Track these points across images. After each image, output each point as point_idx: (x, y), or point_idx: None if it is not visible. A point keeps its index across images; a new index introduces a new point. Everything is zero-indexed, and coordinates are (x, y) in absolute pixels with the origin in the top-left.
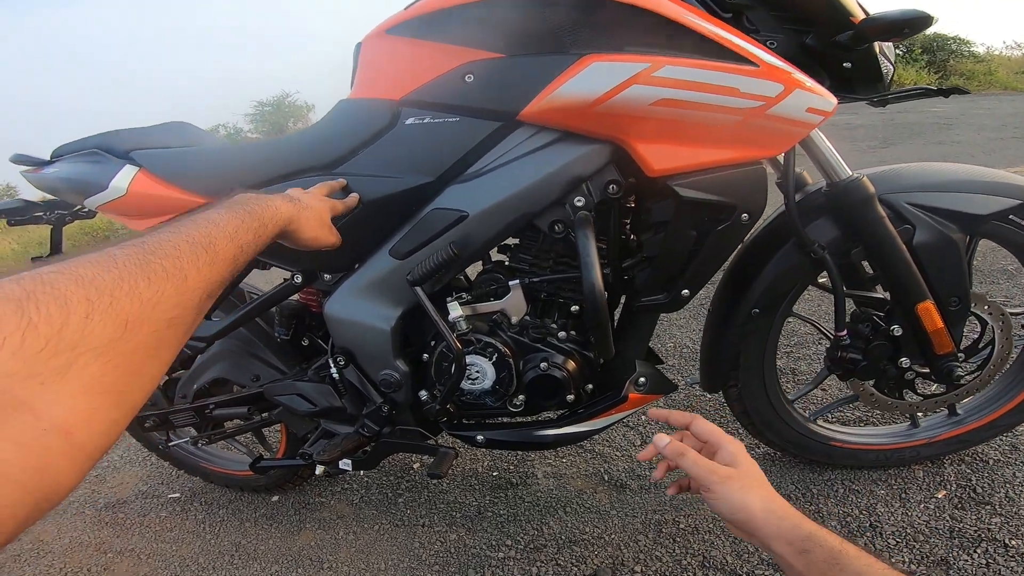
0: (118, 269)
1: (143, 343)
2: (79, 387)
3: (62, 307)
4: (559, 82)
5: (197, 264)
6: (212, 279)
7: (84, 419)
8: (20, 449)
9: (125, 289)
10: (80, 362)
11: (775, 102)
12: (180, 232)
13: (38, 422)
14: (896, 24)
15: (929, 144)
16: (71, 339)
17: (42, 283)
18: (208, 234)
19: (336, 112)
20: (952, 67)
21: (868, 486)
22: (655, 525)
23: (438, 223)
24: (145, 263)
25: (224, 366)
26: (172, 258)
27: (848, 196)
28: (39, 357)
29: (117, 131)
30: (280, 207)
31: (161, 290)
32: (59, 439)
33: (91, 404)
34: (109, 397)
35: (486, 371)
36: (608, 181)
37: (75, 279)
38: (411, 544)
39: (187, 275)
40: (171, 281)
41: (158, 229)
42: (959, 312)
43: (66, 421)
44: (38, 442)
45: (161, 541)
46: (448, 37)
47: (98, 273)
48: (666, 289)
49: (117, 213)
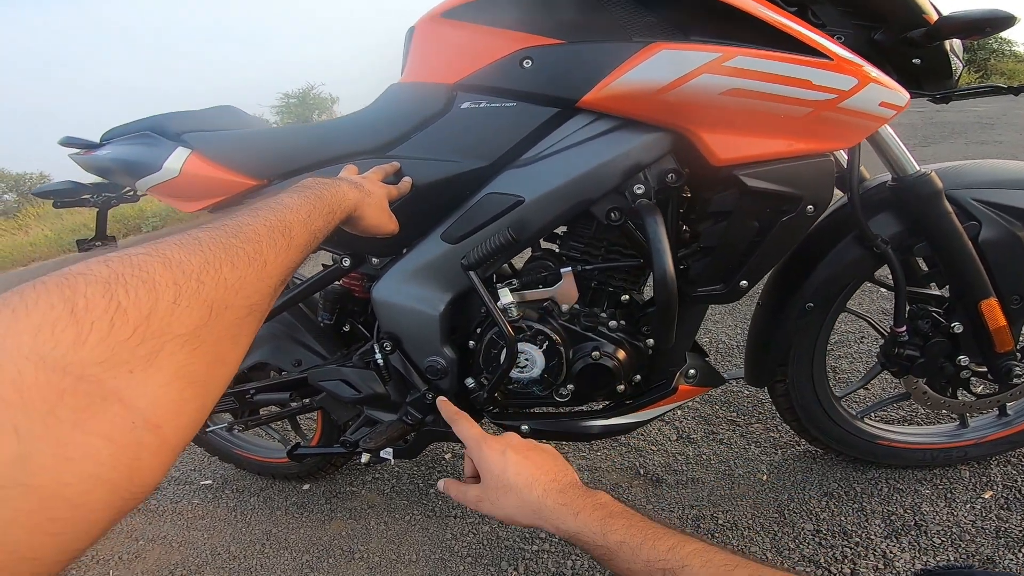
0: (203, 253)
1: (226, 330)
2: (167, 376)
3: (150, 290)
4: (623, 69)
5: (275, 249)
6: (288, 265)
7: (172, 411)
8: (112, 446)
9: (211, 273)
10: (168, 349)
11: (848, 95)
12: (258, 216)
13: (128, 414)
14: (978, 23)
15: (971, 144)
16: (159, 325)
17: (131, 264)
18: (284, 219)
19: (387, 96)
20: (993, 66)
21: (913, 485)
22: (692, 520)
23: (493, 208)
24: (229, 247)
25: (266, 350)
26: (253, 243)
27: (916, 191)
28: (127, 344)
29: (168, 114)
30: (347, 193)
31: (244, 275)
32: (148, 434)
33: (178, 395)
34: (194, 387)
35: (535, 359)
36: (667, 170)
37: (163, 261)
38: (443, 535)
39: (267, 260)
40: (252, 266)
41: (235, 213)
42: (1020, 310)
43: (155, 414)
44: (129, 437)
45: (192, 529)
46: (505, 22)
47: (185, 256)
48: (724, 280)
49: (168, 195)
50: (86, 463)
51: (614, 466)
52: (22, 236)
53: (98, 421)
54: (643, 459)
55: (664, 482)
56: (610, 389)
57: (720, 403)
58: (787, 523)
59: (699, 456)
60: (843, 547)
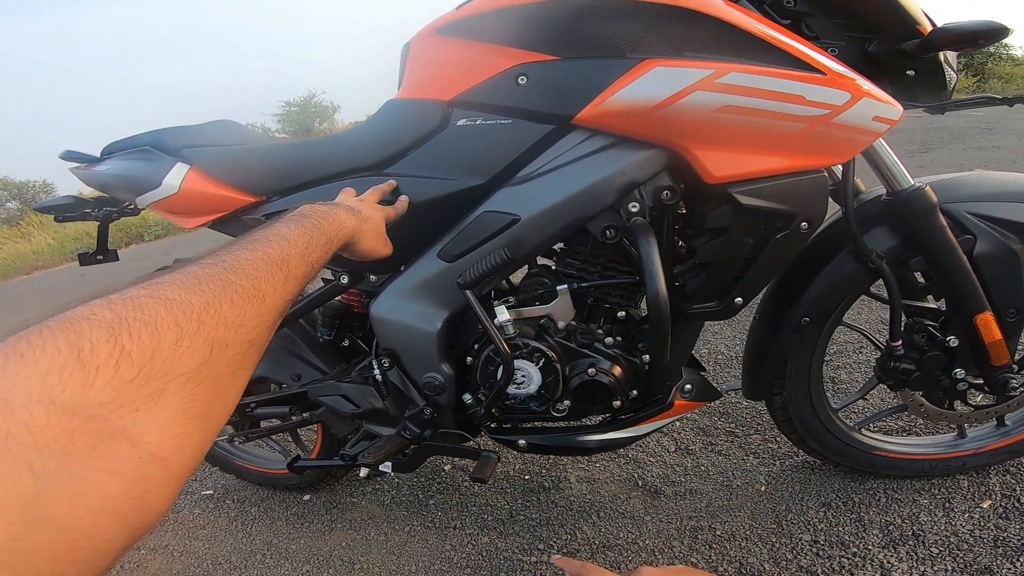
0: (203, 292)
1: (227, 366)
2: (172, 413)
3: (153, 333)
4: (618, 86)
5: (273, 284)
6: (286, 298)
7: (177, 445)
8: (122, 481)
9: (211, 313)
10: (171, 388)
11: (842, 110)
12: (256, 250)
13: (135, 450)
14: (971, 35)
15: (970, 149)
16: (162, 366)
17: (133, 308)
18: (282, 251)
19: (384, 112)
20: (990, 70)
21: (911, 495)
22: (690, 531)
23: (489, 226)
24: (228, 284)
25: (266, 365)
26: (252, 279)
27: (910, 205)
28: (132, 385)
29: (167, 129)
30: (344, 221)
31: (243, 312)
32: (155, 467)
33: (183, 430)
34: (197, 421)
35: (532, 376)
36: (662, 187)
37: (164, 304)
38: (442, 546)
39: (265, 295)
40: (251, 303)
41: (232, 246)
42: (1016, 323)
43: (161, 448)
44: (137, 472)
45: (194, 538)
46: (500, 38)
47: (186, 297)
48: (719, 297)
49: (167, 211)
50: (98, 497)
51: (613, 477)
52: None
53: (107, 458)
54: (642, 470)
55: (662, 493)
56: (606, 405)
57: (719, 414)
58: (785, 534)
59: (697, 467)
60: (840, 558)
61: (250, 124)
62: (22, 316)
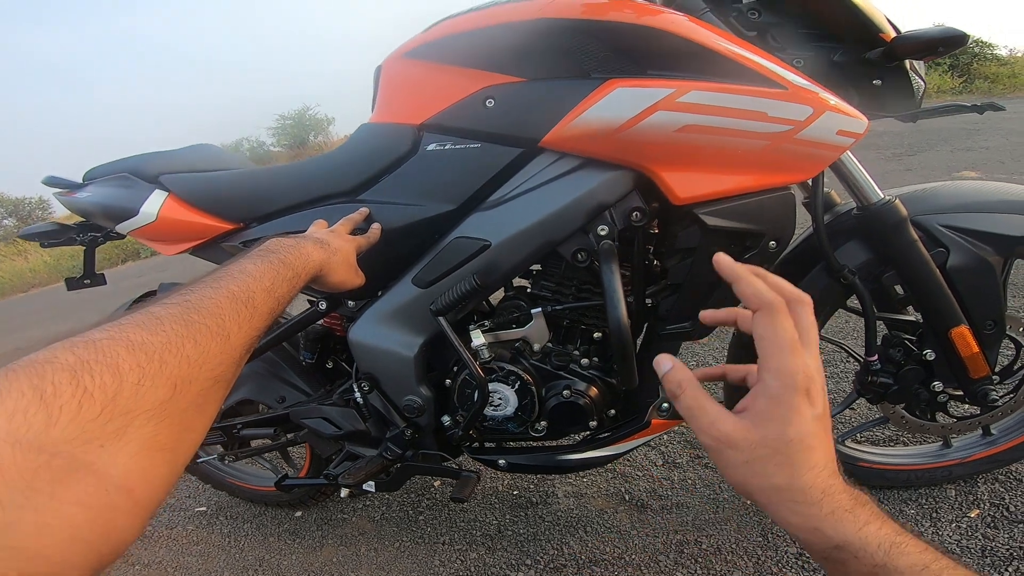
0: (165, 332)
1: (192, 402)
2: (136, 447)
3: (114, 375)
4: (582, 108)
5: (239, 321)
6: (251, 334)
7: (143, 476)
8: (87, 511)
9: (173, 352)
10: (135, 424)
11: (804, 125)
12: (220, 288)
13: (101, 483)
14: (931, 42)
15: (957, 151)
16: (125, 404)
17: (95, 351)
18: (247, 288)
19: (357, 136)
20: (976, 70)
21: (898, 506)
22: (676, 545)
23: (461, 252)
24: (190, 323)
25: (251, 388)
26: (215, 316)
27: (880, 220)
28: (96, 423)
29: (146, 155)
30: (311, 254)
31: (207, 350)
32: (121, 497)
33: (148, 462)
34: (163, 453)
35: (508, 398)
36: (632, 208)
37: (126, 346)
38: (431, 562)
39: (230, 333)
40: (215, 340)
41: (198, 284)
42: (994, 335)
43: (127, 479)
44: (103, 502)
45: (187, 554)
46: (468, 61)
47: (147, 338)
48: (691, 317)
49: (147, 238)
50: (63, 527)
51: (600, 492)
52: (21, 262)
53: (72, 491)
54: (629, 484)
55: (649, 507)
56: (583, 425)
57: None
58: (771, 547)
59: (684, 481)
60: None
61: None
62: (24, 334)
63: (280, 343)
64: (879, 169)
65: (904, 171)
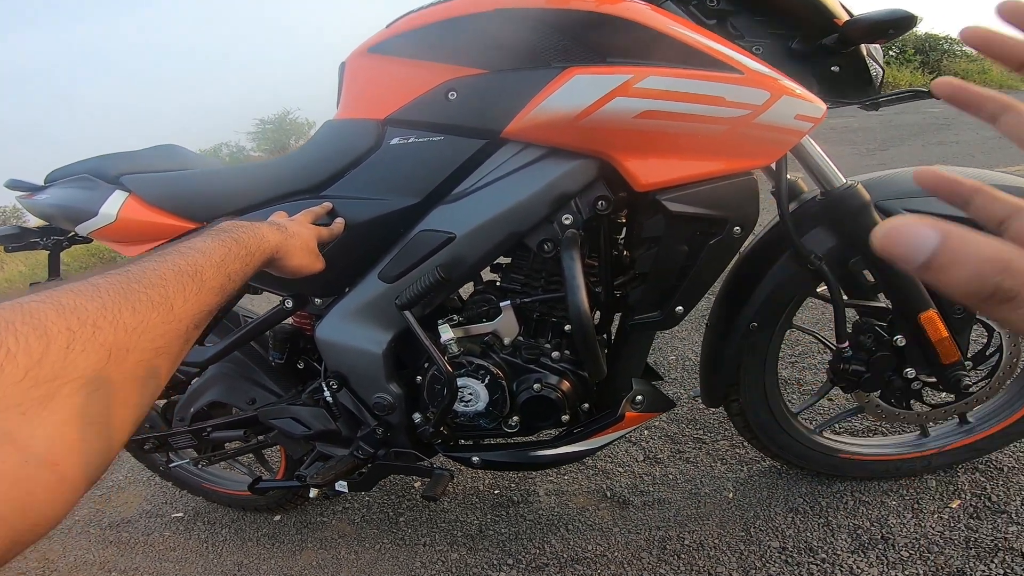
0: (101, 298)
1: (129, 373)
2: (63, 417)
3: (41, 336)
4: (542, 97)
5: (184, 293)
6: (199, 308)
7: (69, 450)
8: (1, 482)
9: (108, 319)
10: (63, 392)
11: (762, 110)
12: (166, 261)
13: (19, 453)
14: (880, 24)
15: (929, 145)
16: (52, 369)
17: (21, 312)
18: (195, 263)
19: (322, 134)
20: (946, 67)
21: (879, 497)
22: (659, 542)
23: (425, 245)
24: (129, 292)
25: (220, 390)
26: (158, 287)
27: (843, 204)
28: (19, 387)
29: (107, 155)
30: (267, 235)
31: (146, 319)
32: (43, 471)
33: (77, 435)
34: (94, 427)
35: (479, 393)
36: (597, 197)
37: (56, 308)
38: (412, 563)
39: (173, 304)
40: (157, 310)
41: (144, 258)
42: (964, 320)
43: (50, 452)
44: (19, 473)
45: (164, 560)
46: (430, 54)
47: (80, 302)
48: (660, 306)
49: (109, 239)
50: None
51: (581, 489)
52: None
53: None
54: (610, 481)
55: (631, 504)
56: (555, 419)
57: (687, 421)
58: (753, 541)
59: (666, 476)
60: (809, 564)
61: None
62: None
63: (247, 342)
64: (852, 164)
65: (877, 166)
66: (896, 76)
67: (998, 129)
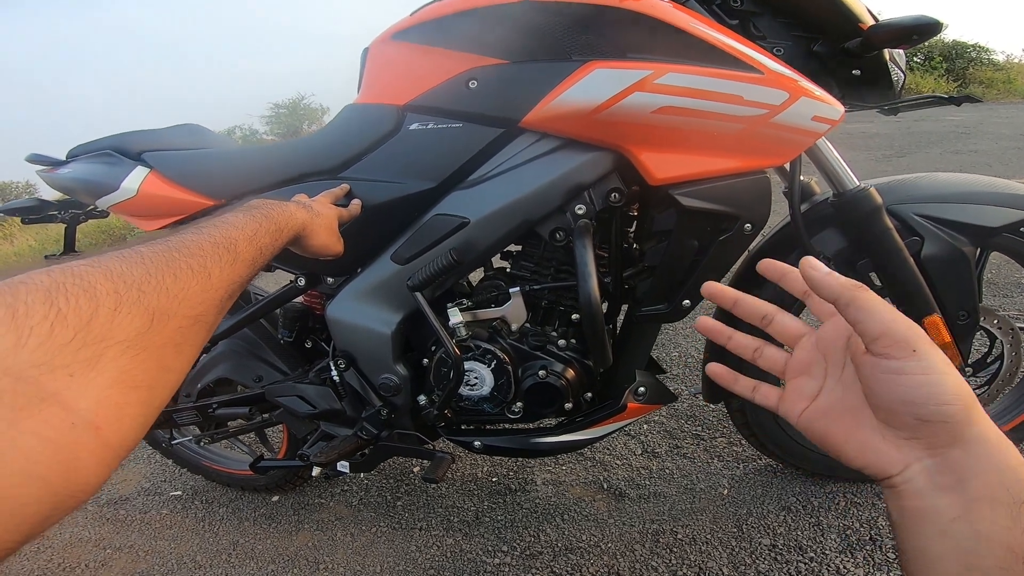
0: (145, 265)
1: (170, 338)
2: (109, 380)
3: (91, 299)
4: (561, 89)
5: (220, 263)
6: (234, 279)
7: (114, 414)
8: (47, 444)
9: (153, 284)
10: (109, 355)
11: (780, 110)
12: (202, 233)
13: (67, 415)
14: (904, 31)
15: (946, 153)
16: (100, 331)
17: (72, 275)
18: (229, 236)
19: (342, 117)
20: (971, 75)
21: (871, 499)
22: (652, 535)
23: (439, 229)
24: (171, 260)
25: (228, 366)
26: (197, 256)
27: (855, 207)
28: (68, 348)
29: (130, 132)
30: (295, 213)
31: (187, 286)
32: (88, 434)
33: (121, 398)
34: (138, 392)
35: (484, 378)
36: (610, 189)
37: (104, 272)
38: (407, 547)
39: (211, 273)
40: (196, 278)
41: (180, 230)
42: (968, 326)
43: (96, 415)
44: (66, 437)
45: (160, 538)
46: (453, 43)
47: (127, 268)
48: (667, 299)
49: (128, 213)
50: (18, 458)
51: (578, 480)
52: (7, 246)
53: (34, 420)
54: (607, 473)
55: (627, 496)
56: (559, 407)
57: (686, 417)
58: (745, 538)
59: (662, 470)
60: (798, 562)
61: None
62: None
63: (258, 319)
64: (868, 169)
65: (893, 172)
66: (919, 83)
67: (810, 309)
